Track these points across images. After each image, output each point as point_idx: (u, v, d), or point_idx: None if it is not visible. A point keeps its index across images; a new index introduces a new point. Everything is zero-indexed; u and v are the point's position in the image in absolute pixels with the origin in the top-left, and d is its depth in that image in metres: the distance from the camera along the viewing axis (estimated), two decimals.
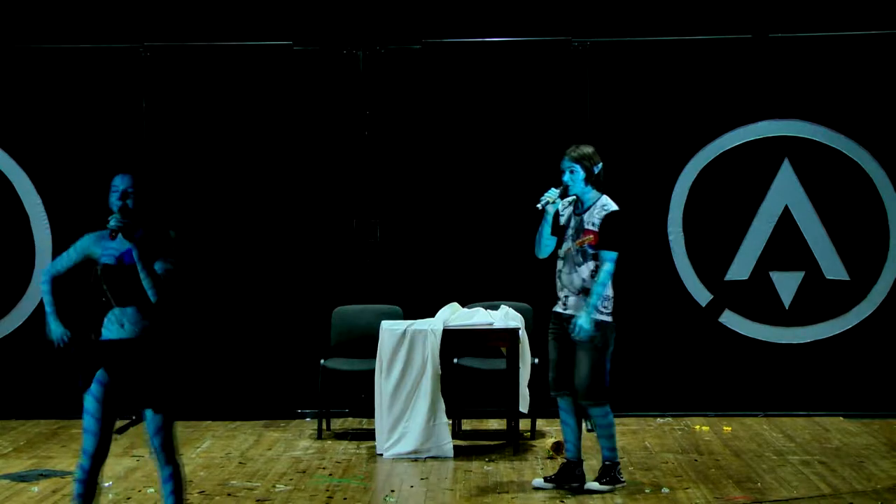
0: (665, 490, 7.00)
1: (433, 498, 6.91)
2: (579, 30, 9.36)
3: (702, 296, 9.34)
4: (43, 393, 9.30)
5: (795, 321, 9.32)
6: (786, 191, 9.29)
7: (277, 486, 7.22)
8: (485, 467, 7.66)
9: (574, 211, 6.93)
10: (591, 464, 7.70)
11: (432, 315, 8.36)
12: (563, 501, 6.80)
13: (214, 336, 9.37)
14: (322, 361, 8.63)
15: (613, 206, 6.84)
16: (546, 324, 8.97)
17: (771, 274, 9.31)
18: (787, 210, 9.29)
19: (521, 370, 8.15)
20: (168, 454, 5.46)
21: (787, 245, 9.29)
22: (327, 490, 7.10)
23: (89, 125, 9.39)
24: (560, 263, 6.93)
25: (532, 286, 9.15)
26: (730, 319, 9.35)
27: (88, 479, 5.44)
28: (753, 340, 9.33)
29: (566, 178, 6.85)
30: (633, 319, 9.26)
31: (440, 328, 8.11)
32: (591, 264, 6.79)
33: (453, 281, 9.21)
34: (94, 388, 5.36)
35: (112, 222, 5.30)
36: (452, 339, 8.17)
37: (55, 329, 5.51)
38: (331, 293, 9.24)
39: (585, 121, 9.21)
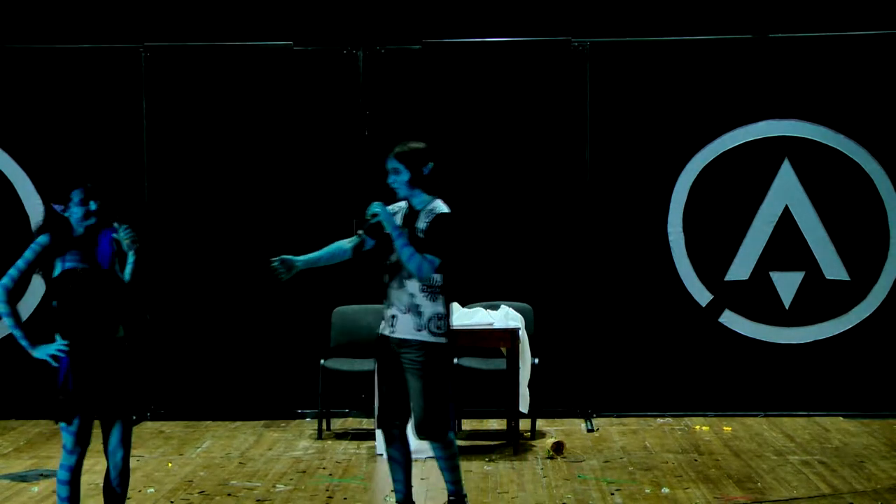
0: (665, 490, 7.00)
1: (433, 498, 6.91)
2: (579, 30, 9.36)
3: (702, 296, 9.34)
4: (43, 393, 9.26)
5: (795, 321, 9.31)
6: (786, 191, 9.28)
7: (277, 486, 7.22)
8: (485, 467, 7.66)
9: (402, 216, 6.07)
10: (592, 463, 7.72)
11: None
12: (562, 502, 6.80)
13: (215, 336, 9.37)
14: (322, 361, 8.63)
15: (444, 209, 5.99)
16: (547, 324, 9.04)
17: (771, 274, 9.31)
18: (787, 210, 9.29)
19: (521, 370, 8.15)
20: (124, 466, 5.42)
21: (787, 245, 9.28)
22: (327, 490, 7.10)
23: (89, 125, 9.39)
24: (387, 277, 6.06)
25: (532, 286, 9.16)
26: (730, 319, 9.34)
27: (73, 478, 5.42)
28: (753, 340, 9.32)
29: (390, 179, 6.06)
30: (634, 320, 9.30)
31: None
32: None
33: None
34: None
35: (129, 241, 5.27)
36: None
37: (37, 351, 5.35)
38: (331, 293, 9.23)
39: (585, 121, 9.21)
